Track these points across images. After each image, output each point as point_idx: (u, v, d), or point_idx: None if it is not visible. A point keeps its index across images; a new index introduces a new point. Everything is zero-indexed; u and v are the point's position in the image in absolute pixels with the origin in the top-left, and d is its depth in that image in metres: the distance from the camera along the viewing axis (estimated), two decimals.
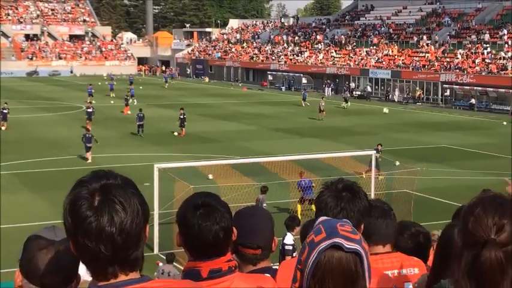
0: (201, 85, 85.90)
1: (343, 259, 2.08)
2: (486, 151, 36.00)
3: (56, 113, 51.90)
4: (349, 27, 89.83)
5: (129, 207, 2.05)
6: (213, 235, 2.85)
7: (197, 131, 42.48)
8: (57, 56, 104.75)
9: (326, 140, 38.99)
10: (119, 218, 2.03)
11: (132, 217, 2.05)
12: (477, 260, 2.23)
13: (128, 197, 2.07)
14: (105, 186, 2.08)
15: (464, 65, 64.94)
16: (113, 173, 2.14)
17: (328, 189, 3.30)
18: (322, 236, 2.11)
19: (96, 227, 2.01)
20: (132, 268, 2.10)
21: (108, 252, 2.02)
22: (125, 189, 2.09)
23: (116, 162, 29.77)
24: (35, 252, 2.73)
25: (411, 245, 4.51)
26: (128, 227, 2.03)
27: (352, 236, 2.11)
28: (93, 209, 2.03)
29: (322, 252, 2.08)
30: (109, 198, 2.04)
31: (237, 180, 23.13)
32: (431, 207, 23.57)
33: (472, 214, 2.29)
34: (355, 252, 2.09)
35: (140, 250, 2.11)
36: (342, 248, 2.08)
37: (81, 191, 2.07)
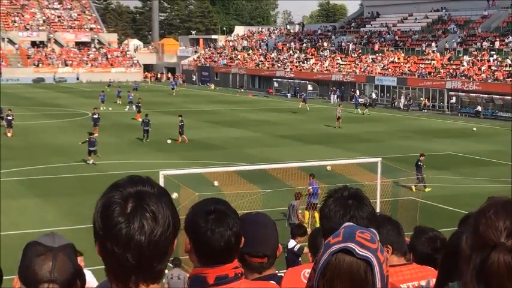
0: (206, 92, 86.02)
1: (354, 264, 2.08)
2: (492, 158, 35.91)
3: (62, 120, 52.02)
4: (355, 34, 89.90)
5: (161, 218, 2.02)
6: (225, 241, 2.85)
7: (203, 137, 42.51)
8: (63, 63, 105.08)
9: (331, 147, 38.95)
10: (150, 228, 2.00)
11: (162, 228, 2.02)
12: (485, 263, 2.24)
13: (161, 207, 2.04)
14: (139, 193, 2.05)
15: (470, 72, 64.86)
16: (150, 181, 2.12)
17: (334, 197, 3.30)
18: (338, 239, 2.11)
19: (125, 234, 1.98)
20: (154, 280, 2.07)
21: (134, 261, 1.99)
22: (159, 198, 2.06)
23: (121, 169, 29.79)
24: (32, 259, 2.72)
25: (428, 249, 4.52)
26: (157, 238, 2.00)
27: (368, 244, 2.10)
28: (125, 215, 2.00)
29: (333, 254, 2.09)
30: (142, 206, 2.01)
31: (242, 188, 23.11)
32: (437, 215, 23.51)
33: (484, 216, 2.30)
34: (366, 259, 2.08)
35: (165, 263, 2.08)
36: (353, 253, 2.08)
37: (115, 196, 2.04)
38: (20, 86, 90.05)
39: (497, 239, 2.25)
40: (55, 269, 2.71)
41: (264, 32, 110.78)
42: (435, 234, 4.89)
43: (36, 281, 2.70)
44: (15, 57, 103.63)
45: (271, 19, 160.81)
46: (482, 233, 2.26)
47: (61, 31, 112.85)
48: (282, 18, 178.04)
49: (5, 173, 30.43)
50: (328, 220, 3.22)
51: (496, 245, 2.23)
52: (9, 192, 26.75)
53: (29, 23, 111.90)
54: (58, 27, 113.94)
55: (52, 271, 2.70)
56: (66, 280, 2.75)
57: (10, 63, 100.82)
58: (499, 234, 2.26)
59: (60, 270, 2.72)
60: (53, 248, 2.75)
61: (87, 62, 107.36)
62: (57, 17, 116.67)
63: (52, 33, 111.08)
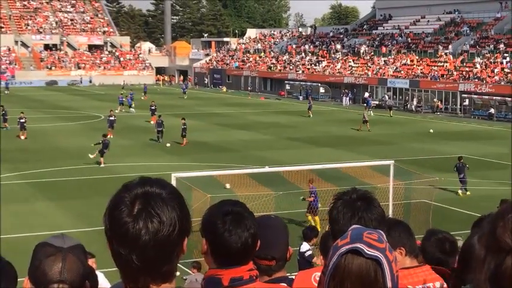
0: (218, 94, 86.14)
1: (363, 265, 2.07)
2: (505, 161, 35.69)
3: (75, 122, 52.24)
4: (367, 37, 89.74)
5: (166, 220, 2.03)
6: (243, 242, 2.85)
7: (214, 140, 42.57)
8: (76, 66, 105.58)
9: (342, 149, 38.88)
10: (154, 229, 2.01)
11: (168, 230, 2.02)
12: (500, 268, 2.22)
13: (166, 209, 2.04)
14: (147, 194, 2.07)
15: (483, 75, 64.58)
16: (161, 182, 2.13)
17: (342, 199, 3.30)
18: (346, 240, 2.11)
19: (131, 235, 2.01)
20: (164, 280, 2.08)
21: (139, 262, 2.01)
22: (165, 200, 2.06)
23: (133, 172, 29.87)
24: (42, 259, 2.74)
25: (437, 250, 4.51)
26: (162, 240, 2.02)
27: (376, 243, 2.10)
28: (132, 216, 2.03)
29: (342, 255, 2.08)
30: (148, 207, 2.03)
31: (254, 190, 23.10)
32: (449, 217, 23.40)
33: (502, 219, 2.27)
34: (375, 259, 2.07)
35: (174, 264, 2.09)
36: (361, 253, 2.07)
37: (123, 196, 2.07)
38: (32, 88, 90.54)
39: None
40: (65, 270, 2.72)
41: (275, 35, 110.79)
42: (444, 236, 4.89)
43: (46, 282, 2.71)
44: (28, 60, 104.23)
45: (283, 22, 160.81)
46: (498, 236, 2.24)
47: (74, 34, 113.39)
48: (294, 20, 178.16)
49: (18, 175, 30.61)
50: (337, 222, 3.22)
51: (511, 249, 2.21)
52: (22, 194, 26.89)
53: (42, 26, 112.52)
54: (71, 30, 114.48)
55: (62, 271, 2.71)
56: (76, 280, 2.76)
57: (23, 66, 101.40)
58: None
59: (69, 270, 2.73)
60: (63, 248, 2.76)
61: (100, 65, 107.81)
62: (70, 20, 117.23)
63: (65, 36, 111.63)
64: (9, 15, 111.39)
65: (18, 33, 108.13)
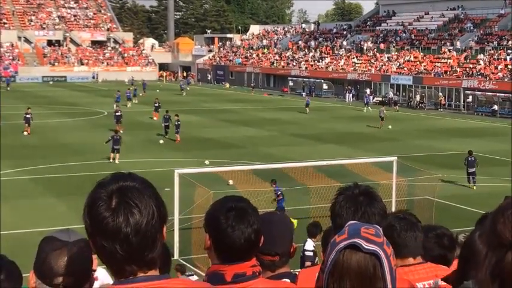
0: (221, 91, 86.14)
1: (362, 260, 2.07)
2: (509, 158, 35.65)
3: (78, 118, 52.29)
4: (371, 33, 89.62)
5: (145, 209, 2.10)
6: (246, 237, 2.86)
7: (217, 136, 42.59)
8: (79, 62, 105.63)
9: (346, 146, 38.87)
10: (134, 220, 2.08)
11: (147, 219, 2.10)
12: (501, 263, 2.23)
13: (143, 199, 2.12)
14: (122, 188, 2.13)
15: (486, 71, 64.48)
16: (132, 176, 2.20)
17: (344, 194, 3.31)
18: (344, 236, 2.12)
19: (112, 228, 2.07)
20: (149, 267, 2.15)
21: (124, 252, 2.08)
22: (141, 191, 2.14)
23: (136, 168, 29.90)
24: (48, 253, 2.76)
25: (435, 246, 4.50)
26: (143, 228, 2.09)
27: (373, 238, 2.10)
28: (110, 210, 2.09)
29: (341, 251, 2.09)
30: (125, 200, 2.10)
31: (257, 186, 23.12)
32: (452, 214, 23.39)
33: (503, 215, 2.29)
34: (374, 253, 2.07)
35: (156, 251, 2.15)
36: (361, 249, 2.07)
37: (100, 193, 2.14)
38: (36, 84, 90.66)
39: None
40: (70, 264, 2.74)
41: (279, 31, 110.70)
42: (442, 231, 4.89)
43: (52, 275, 2.74)
44: (32, 56, 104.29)
45: (287, 18, 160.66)
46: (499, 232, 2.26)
47: (77, 30, 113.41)
48: (297, 17, 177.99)
49: (22, 171, 30.66)
50: (339, 217, 3.23)
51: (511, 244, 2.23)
52: (26, 190, 26.95)
53: (45, 22, 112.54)
54: (74, 26, 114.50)
55: (67, 266, 2.74)
56: (81, 274, 2.78)
57: (27, 62, 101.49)
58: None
59: (74, 264, 2.75)
60: (68, 242, 2.78)
61: (103, 61, 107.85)
62: (73, 16, 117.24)
63: (68, 32, 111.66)
64: (12, 11, 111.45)
65: (21, 29, 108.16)
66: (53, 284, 2.75)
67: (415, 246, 3.99)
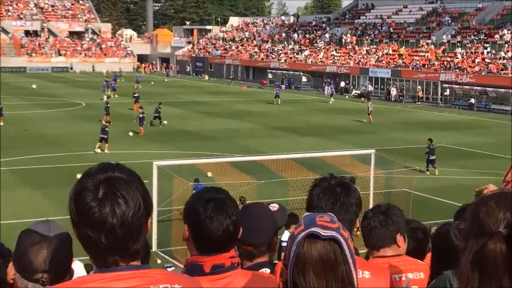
0: (200, 83, 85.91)
1: (322, 247, 2.12)
2: (485, 151, 36.04)
3: (56, 110, 51.89)
4: (350, 26, 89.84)
5: (131, 201, 2.11)
6: (224, 229, 2.87)
7: (196, 128, 42.53)
8: (56, 53, 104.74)
9: (324, 138, 39.01)
10: (121, 211, 2.09)
11: (133, 210, 2.11)
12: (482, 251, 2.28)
13: (130, 190, 2.13)
14: (109, 178, 2.14)
15: (464, 65, 64.97)
16: (120, 166, 2.21)
17: (321, 186, 3.35)
18: (301, 228, 2.16)
19: (98, 218, 2.08)
20: (132, 258, 2.16)
21: (108, 242, 2.09)
22: (129, 182, 2.14)
23: (115, 159, 29.70)
24: (28, 247, 2.74)
25: (409, 240, 4.55)
26: (129, 220, 2.10)
27: (329, 225, 2.16)
28: (97, 200, 2.10)
29: (301, 243, 2.12)
30: (112, 191, 2.11)
31: (236, 178, 23.15)
32: (429, 206, 23.60)
33: (486, 205, 2.35)
34: (333, 239, 2.12)
35: (140, 243, 2.16)
36: (319, 236, 2.11)
37: (87, 183, 2.14)
38: (12, 75, 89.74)
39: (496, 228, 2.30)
40: (50, 259, 2.73)
41: (258, 23, 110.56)
42: (416, 225, 4.95)
43: (32, 270, 2.73)
44: (9, 46, 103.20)
45: (266, 10, 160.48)
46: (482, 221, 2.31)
47: (55, 20, 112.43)
48: (277, 9, 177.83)
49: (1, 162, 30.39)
50: (318, 209, 3.25)
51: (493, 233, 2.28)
52: (4, 181, 26.70)
53: (22, 12, 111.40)
54: (52, 16, 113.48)
55: (46, 261, 2.72)
56: (61, 269, 2.77)
57: (4, 53, 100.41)
58: (498, 224, 2.31)
59: (54, 259, 2.74)
60: (48, 237, 2.76)
61: (81, 52, 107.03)
62: (51, 6, 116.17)
63: (46, 22, 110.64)
64: None
65: None
66: (33, 279, 2.74)
67: (379, 238, 4.03)
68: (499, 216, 2.31)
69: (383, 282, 3.40)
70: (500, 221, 2.31)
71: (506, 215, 2.31)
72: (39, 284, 2.74)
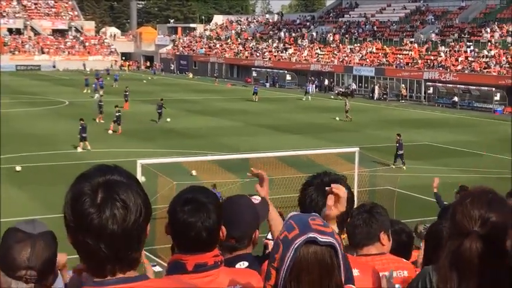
0: (185, 81, 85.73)
1: (318, 253, 2.09)
2: (468, 149, 36.25)
3: (39, 108, 51.58)
4: (334, 24, 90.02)
5: (133, 206, 2.00)
6: (196, 232, 2.84)
7: (181, 126, 42.44)
8: (39, 51, 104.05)
9: (309, 137, 39.06)
10: (121, 216, 1.97)
11: (135, 216, 2.00)
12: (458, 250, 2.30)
13: (131, 194, 2.01)
14: (108, 182, 2.01)
15: (447, 63, 65.30)
16: (118, 169, 2.09)
17: (314, 184, 3.32)
18: (295, 232, 2.10)
19: (97, 225, 1.96)
20: (131, 267, 2.05)
21: (108, 250, 1.97)
22: (128, 186, 2.03)
23: (99, 158, 29.63)
24: (12, 245, 2.72)
25: (393, 243, 4.55)
26: (130, 226, 1.98)
27: (324, 229, 2.12)
28: (96, 206, 1.97)
29: (299, 248, 2.08)
30: (112, 195, 1.99)
31: (220, 177, 23.12)
32: (413, 204, 23.71)
33: (461, 205, 2.37)
34: (329, 245, 2.09)
35: (140, 251, 2.07)
36: (316, 242, 2.08)
37: (84, 187, 2.00)
38: None
39: (471, 227, 2.32)
40: (33, 256, 2.71)
41: (242, 21, 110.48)
42: (400, 228, 4.94)
43: (15, 267, 2.71)
44: None
45: (250, 8, 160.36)
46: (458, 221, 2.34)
47: (38, 18, 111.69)
48: (261, 7, 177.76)
49: None
50: (309, 210, 3.24)
51: (469, 232, 2.30)
52: None
53: (5, 10, 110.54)
54: (35, 14, 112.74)
55: (30, 258, 2.71)
56: (44, 267, 2.75)
57: None
58: (473, 223, 2.33)
59: (38, 257, 2.72)
60: (33, 235, 2.75)
61: (64, 50, 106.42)
62: (34, 4, 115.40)
63: (29, 20, 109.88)
64: None
65: None
66: (16, 276, 2.72)
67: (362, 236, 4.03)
68: (473, 215, 2.33)
69: (371, 280, 3.41)
70: (475, 220, 2.33)
71: (481, 213, 2.34)
72: (22, 281, 2.72)
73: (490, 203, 2.38)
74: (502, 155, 33.76)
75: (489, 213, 2.35)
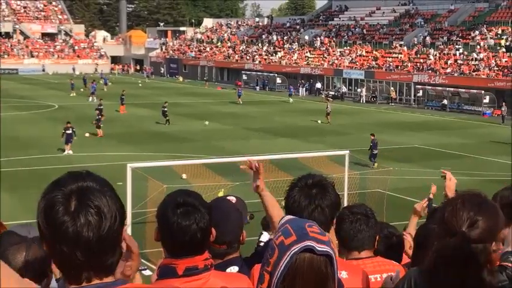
0: (175, 84, 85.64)
1: (314, 261, 2.07)
2: (457, 151, 36.38)
3: (29, 112, 51.38)
4: (323, 28, 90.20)
5: (108, 212, 1.98)
6: (191, 235, 2.84)
7: (171, 130, 42.39)
8: (29, 54, 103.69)
9: (299, 140, 39.10)
10: (97, 223, 1.95)
11: (110, 222, 1.98)
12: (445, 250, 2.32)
13: (105, 201, 1.99)
14: (81, 189, 1.99)
15: (436, 66, 65.54)
16: (90, 175, 2.06)
17: (298, 186, 3.32)
18: (292, 238, 2.08)
19: (72, 233, 1.94)
20: (107, 273, 2.03)
21: (84, 258, 1.95)
22: (102, 192, 2.00)
23: (89, 162, 29.58)
24: (6, 248, 2.73)
25: (383, 247, 4.54)
26: (105, 233, 1.96)
27: (321, 237, 2.10)
28: (70, 214, 1.95)
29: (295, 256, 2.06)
30: (85, 202, 1.96)
31: (211, 180, 23.10)
32: (403, 207, 23.73)
33: (451, 205, 2.38)
34: (326, 254, 2.08)
35: (117, 255, 2.05)
36: (313, 250, 2.07)
37: (57, 195, 1.98)
38: None
39: (459, 227, 2.34)
40: (28, 259, 2.72)
41: (232, 25, 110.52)
42: (390, 232, 4.94)
43: None
44: None
45: (240, 12, 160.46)
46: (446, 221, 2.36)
47: (27, 22, 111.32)
48: (251, 10, 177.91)
49: None
50: (293, 211, 3.24)
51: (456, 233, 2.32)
52: None
53: None
54: (24, 18, 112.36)
55: (25, 261, 2.71)
56: (39, 270, 2.75)
57: None
58: (462, 224, 2.35)
59: (33, 260, 2.72)
60: (27, 238, 2.76)
61: (54, 54, 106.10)
62: (23, 7, 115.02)
63: (18, 24, 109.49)
64: None
65: None
66: None
67: (361, 240, 4.03)
68: (462, 216, 2.35)
69: (360, 282, 3.41)
70: (463, 221, 2.35)
71: (470, 215, 2.36)
72: None
73: (480, 206, 2.40)
74: (491, 157, 33.92)
75: (478, 215, 2.36)
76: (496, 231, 2.41)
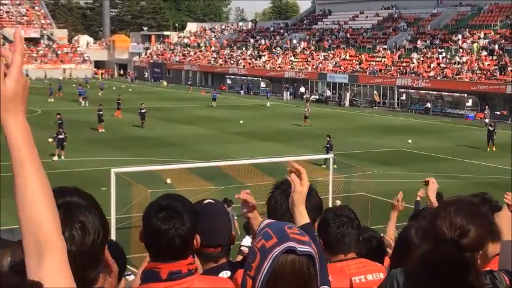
0: (159, 89, 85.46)
1: (296, 262, 2.08)
2: (440, 154, 36.58)
3: None
4: (307, 32, 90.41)
5: (91, 228, 2.02)
6: (168, 239, 2.83)
7: (156, 135, 42.27)
8: None
9: (284, 144, 39.14)
10: (80, 238, 2.00)
11: (93, 237, 2.02)
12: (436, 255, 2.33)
13: (90, 217, 2.04)
14: (67, 204, 2.04)
15: (419, 70, 65.90)
16: (77, 191, 2.11)
17: (280, 188, 3.34)
18: (273, 241, 2.09)
19: None
20: (88, 286, 2.06)
21: None
22: (87, 208, 2.05)
23: (74, 167, 29.45)
24: None
25: (364, 250, 4.56)
26: (88, 248, 2.01)
27: (302, 238, 2.11)
28: None
29: (277, 258, 2.07)
30: (71, 217, 2.01)
31: (195, 185, 23.06)
32: (387, 210, 23.80)
33: (445, 210, 2.39)
34: (307, 254, 2.09)
35: (98, 270, 2.08)
36: (294, 251, 2.07)
37: None
38: None
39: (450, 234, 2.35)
40: (13, 264, 2.71)
41: (216, 29, 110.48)
42: (370, 235, 4.97)
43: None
44: None
45: (224, 16, 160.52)
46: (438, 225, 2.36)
47: (9, 27, 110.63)
48: (235, 15, 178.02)
49: None
50: (274, 212, 3.24)
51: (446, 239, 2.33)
52: None
53: None
54: (6, 22, 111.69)
55: (11, 265, 2.70)
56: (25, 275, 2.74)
57: None
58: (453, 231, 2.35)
59: (18, 265, 2.72)
60: (12, 242, 2.75)
61: (37, 59, 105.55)
62: (6, 12, 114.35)
63: (0, 29, 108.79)
64: None
65: None
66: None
67: (348, 243, 4.04)
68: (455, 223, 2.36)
69: (343, 284, 3.43)
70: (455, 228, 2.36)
71: (463, 223, 2.37)
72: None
73: (474, 215, 2.41)
74: (474, 160, 34.15)
75: (471, 225, 2.37)
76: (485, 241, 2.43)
